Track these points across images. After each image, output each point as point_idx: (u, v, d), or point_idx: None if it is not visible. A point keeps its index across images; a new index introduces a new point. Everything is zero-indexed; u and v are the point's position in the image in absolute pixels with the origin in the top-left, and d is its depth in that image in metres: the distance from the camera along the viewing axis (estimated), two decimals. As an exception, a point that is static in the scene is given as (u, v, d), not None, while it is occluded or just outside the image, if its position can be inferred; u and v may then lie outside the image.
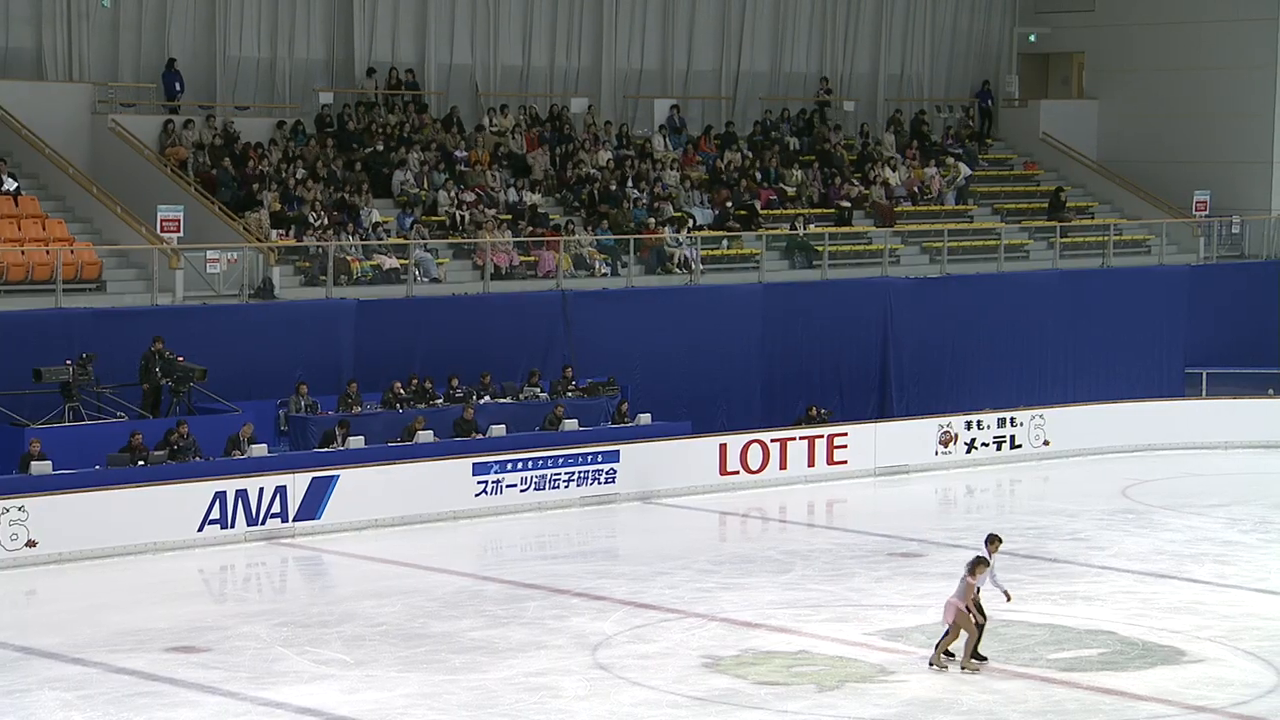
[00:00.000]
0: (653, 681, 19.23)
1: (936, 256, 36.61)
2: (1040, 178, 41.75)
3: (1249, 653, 20.42)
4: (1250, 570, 24.83)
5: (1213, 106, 40.51)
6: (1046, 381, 35.54)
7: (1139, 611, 22.43)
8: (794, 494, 30.76)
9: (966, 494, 31.78)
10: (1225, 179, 40.03)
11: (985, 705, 18.46)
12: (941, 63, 42.75)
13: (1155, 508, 29.54)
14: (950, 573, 24.57)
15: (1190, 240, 39.51)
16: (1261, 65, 39.83)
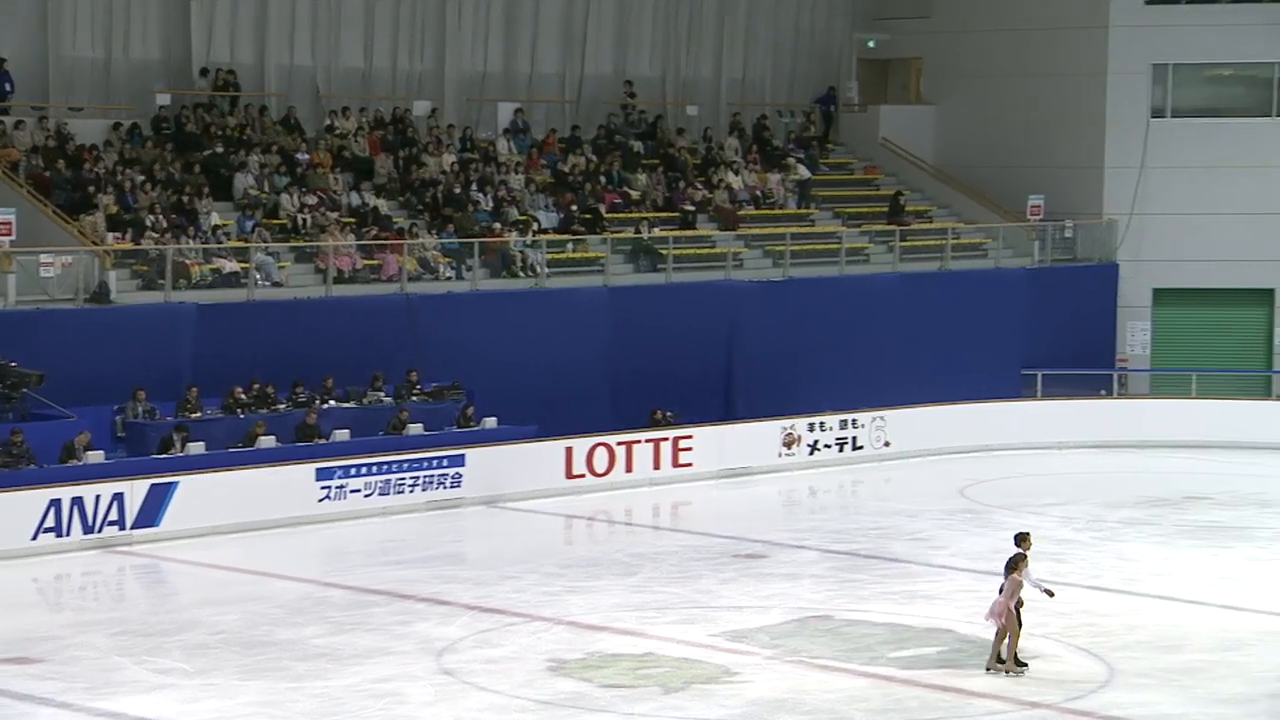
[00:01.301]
0: (498, 686, 19.19)
1: (779, 260, 36.94)
2: (880, 182, 42.29)
3: (1083, 649, 20.83)
4: (1084, 568, 25.34)
5: (1046, 112, 41.29)
6: (887, 383, 35.97)
7: (978, 610, 22.67)
8: (640, 497, 30.87)
9: (809, 495, 32.10)
10: (1059, 183, 40.82)
11: (828, 704, 18.65)
12: (783, 67, 43.13)
13: (993, 507, 30.04)
14: (793, 573, 24.93)
15: (1025, 244, 40.24)
16: (1093, 72, 40.66)
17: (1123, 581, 24.52)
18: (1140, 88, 40.43)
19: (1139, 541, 27.20)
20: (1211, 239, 40.16)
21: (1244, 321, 40.61)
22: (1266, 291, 40.37)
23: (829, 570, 25.27)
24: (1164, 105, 40.57)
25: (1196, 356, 39.59)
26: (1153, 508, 29.81)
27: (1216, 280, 40.36)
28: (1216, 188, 40.13)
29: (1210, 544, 26.97)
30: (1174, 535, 27.65)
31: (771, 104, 42.85)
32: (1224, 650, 20.76)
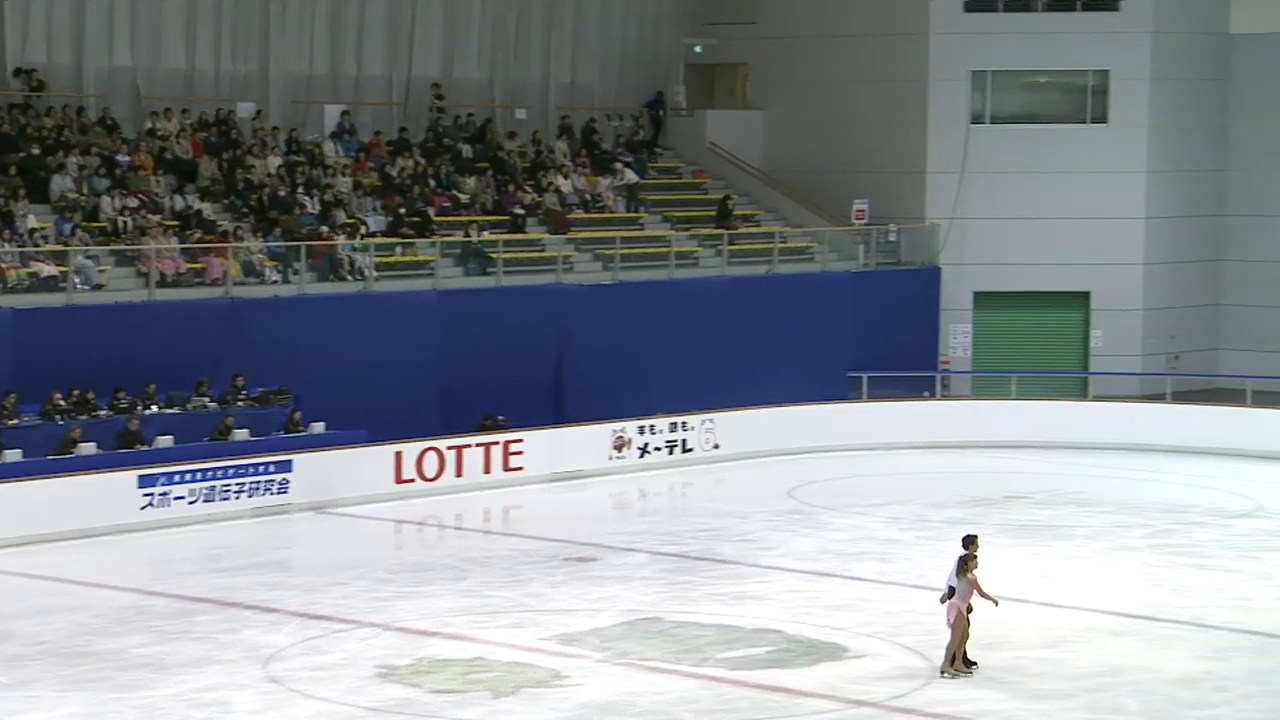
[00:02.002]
0: (326, 693, 19.00)
1: (609, 264, 37.03)
2: (708, 186, 42.57)
3: (908, 648, 21.13)
4: (909, 567, 25.70)
5: (870, 118, 41.87)
6: (717, 386, 36.22)
7: (805, 610, 23.03)
8: (471, 501, 30.75)
9: (640, 498, 32.22)
10: (883, 188, 41.41)
11: (659, 706, 18.73)
12: (611, 72, 43.25)
13: (820, 508, 30.38)
14: (624, 576, 25.01)
15: (851, 247, 40.75)
16: (914, 78, 41.31)
17: (946, 580, 24.84)
18: (960, 94, 41.18)
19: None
20: (1030, 243, 41.01)
21: (1061, 324, 41.53)
22: (1082, 294, 41.32)
23: (659, 572, 25.37)
24: (983, 111, 41.36)
25: (1016, 358, 40.40)
26: (975, 507, 30.33)
27: (1035, 283, 41.22)
28: (1035, 193, 40.98)
29: (1030, 542, 27.51)
30: (995, 534, 28.08)
31: (600, 108, 42.94)
32: (1044, 647, 21.19)
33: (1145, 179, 41.11)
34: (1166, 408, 37.30)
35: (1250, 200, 42.11)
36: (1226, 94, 42.22)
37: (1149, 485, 32.62)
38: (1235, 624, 22.32)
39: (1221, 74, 42.17)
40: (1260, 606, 23.35)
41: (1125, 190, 41.05)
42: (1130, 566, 25.88)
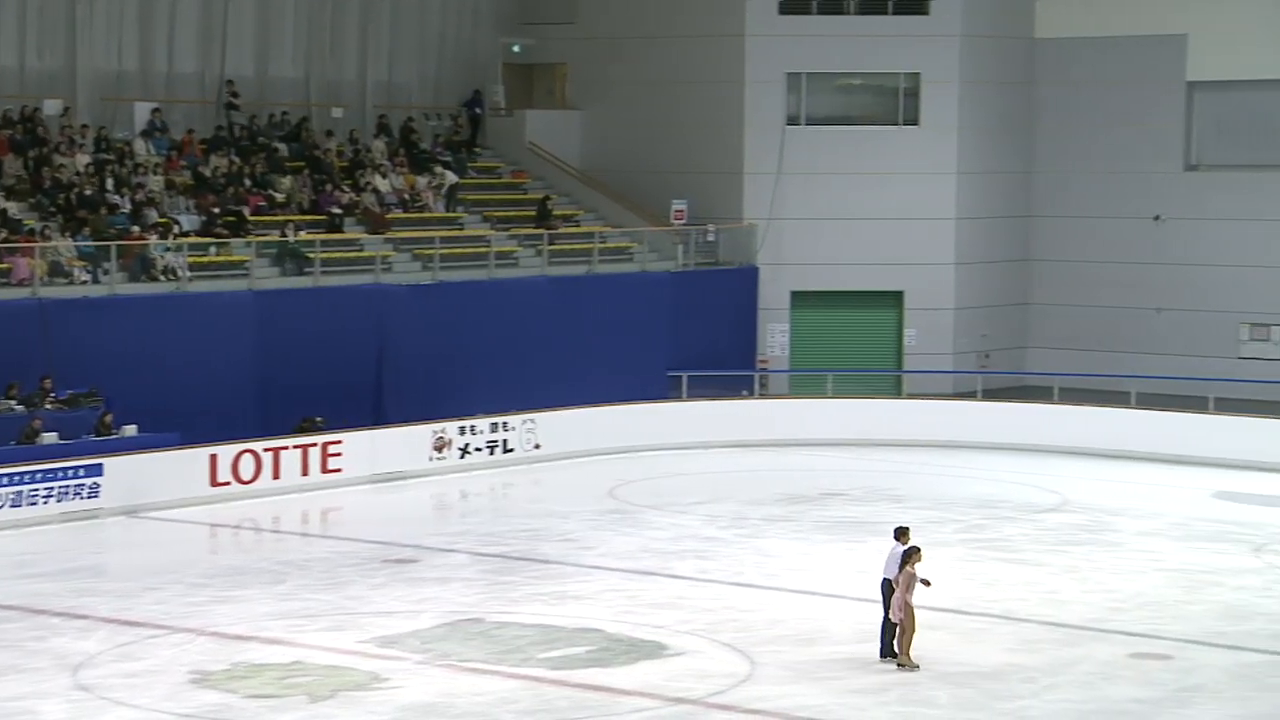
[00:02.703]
0: (139, 700, 18.67)
1: (428, 263, 36.83)
2: (528, 186, 42.54)
3: (727, 645, 21.31)
4: (728, 565, 25.93)
5: (688, 118, 42.15)
6: (537, 386, 36.20)
7: (626, 608, 23.12)
8: (289, 503, 30.39)
9: (461, 499, 32.09)
10: (701, 188, 41.71)
11: (479, 707, 18.68)
12: (429, 71, 43.02)
13: (641, 507, 30.51)
14: (444, 577, 24.90)
15: (670, 248, 40.97)
16: (731, 80, 41.67)
17: (764, 577, 25.17)
18: (776, 96, 41.61)
19: (779, 538, 27.95)
20: (845, 243, 41.57)
21: (876, 323, 42.15)
22: (896, 294, 41.98)
23: (480, 573, 25.30)
24: (799, 113, 41.84)
25: (832, 357, 40.90)
26: (792, 505, 30.68)
27: (850, 283, 41.79)
28: (849, 193, 41.55)
29: (846, 539, 27.87)
30: (812, 531, 28.50)
31: (418, 107, 42.69)
32: (860, 642, 21.46)
33: (956, 180, 41.90)
34: (977, 405, 38.04)
35: (1056, 201, 43.11)
36: (1032, 97, 43.19)
37: (961, 481, 33.24)
38: (1043, 616, 22.84)
39: (1028, 78, 43.13)
40: (1067, 599, 23.91)
41: (936, 191, 41.80)
42: (942, 561, 26.22)
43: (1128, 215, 42.03)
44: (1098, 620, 22.64)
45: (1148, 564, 26.04)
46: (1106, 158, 42.22)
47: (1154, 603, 23.65)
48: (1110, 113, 42.12)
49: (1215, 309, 40.86)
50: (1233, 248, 40.71)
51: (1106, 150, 42.23)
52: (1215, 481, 32.83)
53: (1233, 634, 22.03)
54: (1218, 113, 41.43)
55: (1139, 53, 41.67)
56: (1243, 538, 27.92)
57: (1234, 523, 29.20)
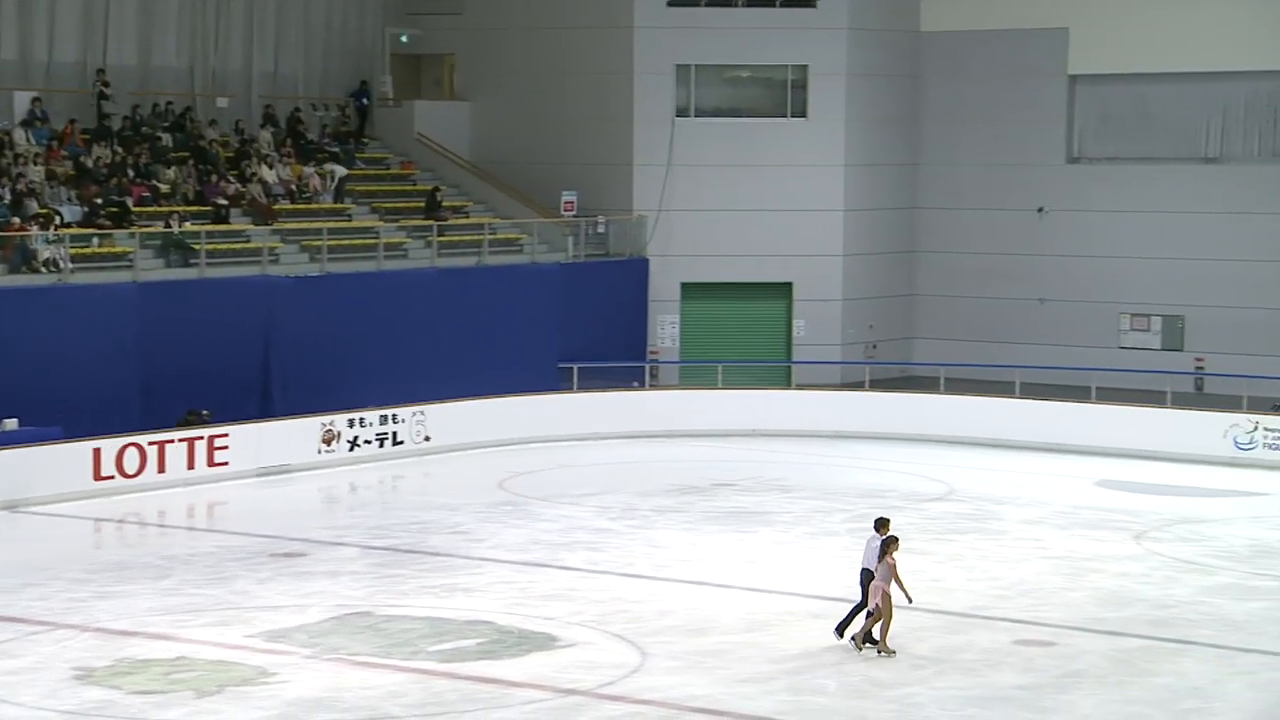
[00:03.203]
0: (21, 698, 18.40)
1: (317, 255, 36.57)
2: (416, 177, 42.35)
3: (617, 635, 21.36)
4: (619, 556, 25.98)
5: (577, 110, 42.16)
6: (427, 378, 36.08)
7: (516, 600, 23.11)
8: (174, 497, 30.08)
9: (350, 491, 31.91)
10: (591, 180, 41.74)
11: (368, 701, 18.60)
12: (316, 61, 42.70)
13: (531, 499, 30.49)
14: (333, 571, 24.75)
15: (560, 239, 40.97)
16: (619, 71, 41.72)
17: (654, 568, 25.26)
18: (665, 88, 41.71)
19: (669, 529, 28.05)
20: (734, 235, 41.78)
21: (765, 314, 42.40)
22: (785, 285, 42.24)
23: (369, 566, 25.19)
24: (688, 105, 41.97)
25: (722, 348, 41.11)
26: (682, 495, 30.79)
27: (739, 274, 42.01)
28: (738, 185, 41.75)
29: (736, 529, 28.02)
30: (702, 522, 28.62)
31: (305, 98, 42.37)
32: (748, 631, 21.62)
33: (843, 172, 42.22)
34: (865, 395, 38.34)
35: (942, 193, 43.55)
36: (918, 90, 43.60)
37: (849, 471, 33.51)
38: (929, 604, 23.03)
39: (914, 71, 43.53)
40: (952, 587, 24.18)
41: (824, 183, 42.09)
42: (831, 550, 26.56)
43: (1012, 207, 42.55)
44: (982, 608, 22.92)
45: (1031, 552, 26.39)
46: (991, 150, 42.71)
47: (1037, 590, 23.98)
48: (994, 106, 42.62)
49: (1097, 300, 41.46)
50: (1113, 239, 41.33)
51: (991, 143, 42.71)
52: (1097, 470, 33.34)
53: (1113, 620, 22.40)
54: (1099, 106, 42.03)
55: (1022, 46, 42.19)
56: (1123, 525, 28.37)
57: (1115, 510, 29.67)
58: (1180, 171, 40.84)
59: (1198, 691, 19.34)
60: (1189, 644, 21.20)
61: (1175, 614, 22.61)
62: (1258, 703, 18.93)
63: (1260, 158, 40.14)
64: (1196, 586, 24.16)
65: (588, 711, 18.49)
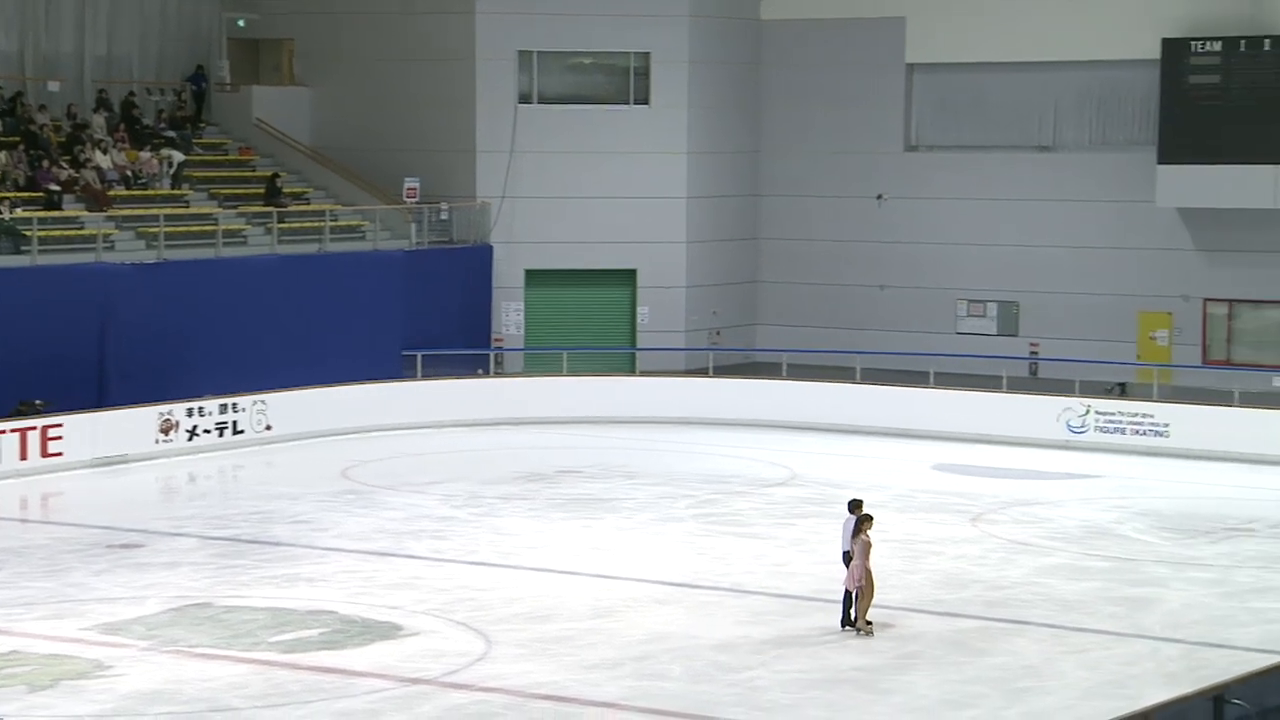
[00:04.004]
0: None
1: (153, 242, 35.97)
2: (256, 163, 41.80)
3: (462, 624, 21.32)
4: (463, 544, 25.93)
5: (419, 96, 41.87)
6: (268, 366, 35.65)
7: (360, 590, 22.97)
8: (6, 489, 29.46)
9: (189, 481, 31.49)
10: (434, 166, 41.50)
11: (207, 694, 18.38)
12: (151, 45, 41.96)
13: (376, 487, 30.30)
14: (172, 562, 24.41)
15: (403, 226, 40.69)
16: (462, 57, 41.52)
17: (500, 556, 25.24)
18: (507, 74, 41.59)
19: (515, 516, 28.03)
20: (578, 221, 41.79)
21: (609, 301, 42.48)
22: (629, 272, 42.35)
23: (209, 557, 24.88)
24: (530, 91, 41.89)
25: (567, 335, 41.13)
26: (528, 483, 30.77)
27: (584, 261, 42.04)
28: (582, 172, 41.76)
29: (581, 516, 28.08)
30: (547, 509, 28.64)
31: (140, 82, 41.64)
32: (594, 618, 21.69)
33: (686, 159, 42.39)
34: (709, 382, 38.58)
35: (784, 181, 43.90)
36: (760, 78, 43.91)
37: (693, 457, 33.70)
38: (772, 589, 23.32)
39: (755, 59, 43.82)
40: (795, 571, 24.45)
41: (667, 170, 42.25)
42: (676, 536, 26.73)
43: (852, 195, 43.01)
44: (824, 591, 23.15)
45: (871, 535, 26.65)
46: (831, 138, 43.13)
47: (877, 573, 24.25)
48: (834, 94, 43.04)
49: (935, 286, 42.07)
50: (950, 226, 41.95)
51: (831, 131, 43.13)
52: (935, 454, 33.86)
53: (950, 601, 22.78)
54: (936, 94, 42.62)
55: (860, 35, 42.64)
56: (961, 508, 28.85)
57: (952, 494, 30.16)
58: (1015, 159, 41.55)
59: (1031, 670, 19.74)
60: (1024, 624, 21.63)
61: (1010, 595, 23.05)
62: (1090, 681, 19.37)
63: (1092, 146, 40.96)
64: (1031, 567, 24.64)
65: (433, 700, 18.43)
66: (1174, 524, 27.69)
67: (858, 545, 20.89)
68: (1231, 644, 20.64)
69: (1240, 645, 20.54)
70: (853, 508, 21.48)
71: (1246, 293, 38.97)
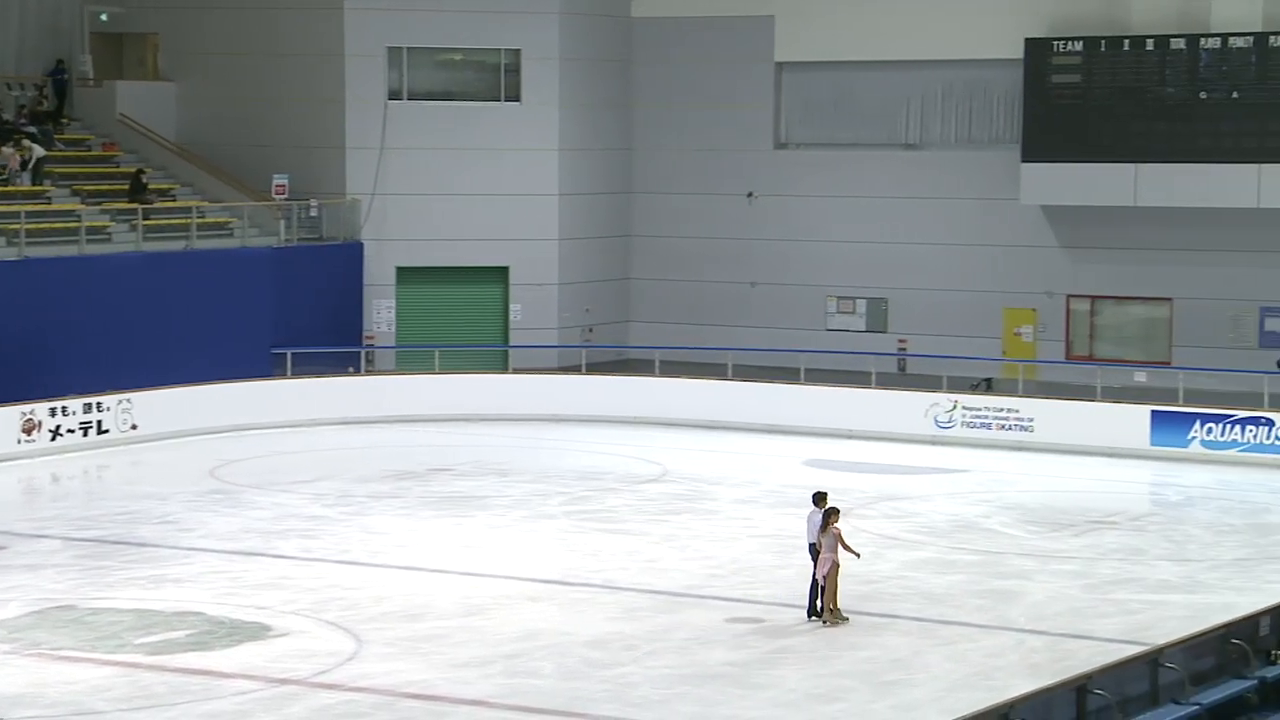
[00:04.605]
0: None
1: (13, 239, 35.32)
2: (120, 159, 41.19)
3: (332, 623, 21.17)
4: (334, 543, 25.74)
5: (288, 92, 41.47)
6: (135, 365, 35.17)
7: (228, 590, 22.74)
8: None
9: (53, 482, 30.99)
10: (303, 163, 41.12)
11: (70, 697, 18.11)
12: (10, 38, 41.20)
13: (244, 487, 30.01)
14: (34, 564, 24.01)
15: (272, 223, 40.30)
16: (330, 53, 41.17)
17: (370, 555, 25.09)
18: (377, 70, 41.30)
19: (386, 515, 27.88)
20: (450, 219, 41.61)
21: (481, 298, 42.35)
22: (502, 269, 42.25)
23: (73, 559, 24.50)
24: (401, 88, 41.65)
25: (439, 333, 40.96)
26: (399, 481, 30.62)
27: (456, 259, 41.87)
28: (454, 169, 41.59)
29: (453, 514, 27.98)
30: (418, 507, 28.51)
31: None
32: (465, 616, 21.63)
33: (558, 156, 42.35)
34: (581, 379, 38.58)
35: (656, 178, 43.99)
36: (631, 76, 43.97)
37: (566, 454, 33.71)
38: (643, 585, 23.38)
39: (626, 56, 43.88)
40: (666, 567, 24.53)
41: (539, 167, 42.18)
42: (548, 534, 26.72)
43: (723, 192, 43.20)
44: (695, 587, 23.30)
45: (743, 531, 26.90)
46: (702, 136, 43.29)
47: (748, 568, 24.46)
48: (705, 92, 43.20)
49: (805, 283, 42.37)
50: (820, 224, 42.26)
51: (702, 128, 43.29)
52: (806, 449, 34.11)
53: (822, 595, 22.95)
54: (805, 92, 42.92)
55: (730, 33, 42.83)
56: (831, 503, 29.00)
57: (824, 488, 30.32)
58: (882, 157, 41.96)
59: (899, 663, 19.97)
60: (893, 618, 21.86)
61: (880, 589, 23.28)
62: (956, 673, 19.62)
63: (958, 144, 41.45)
64: (899, 561, 24.91)
65: (302, 701, 18.30)
66: (1039, 517, 28.12)
67: (828, 538, 21.24)
68: (1094, 635, 21.00)
69: (1102, 636, 20.90)
70: (817, 500, 21.86)
71: (1108, 289, 39.64)
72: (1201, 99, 37.08)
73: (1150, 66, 37.53)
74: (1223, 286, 38.19)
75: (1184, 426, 33.25)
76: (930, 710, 18.35)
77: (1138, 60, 37.67)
